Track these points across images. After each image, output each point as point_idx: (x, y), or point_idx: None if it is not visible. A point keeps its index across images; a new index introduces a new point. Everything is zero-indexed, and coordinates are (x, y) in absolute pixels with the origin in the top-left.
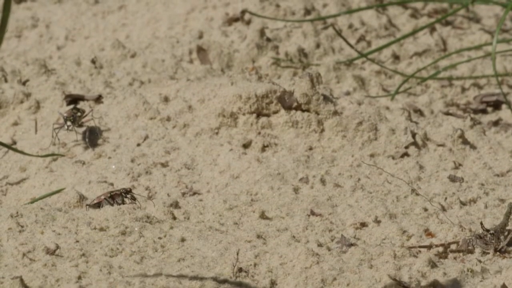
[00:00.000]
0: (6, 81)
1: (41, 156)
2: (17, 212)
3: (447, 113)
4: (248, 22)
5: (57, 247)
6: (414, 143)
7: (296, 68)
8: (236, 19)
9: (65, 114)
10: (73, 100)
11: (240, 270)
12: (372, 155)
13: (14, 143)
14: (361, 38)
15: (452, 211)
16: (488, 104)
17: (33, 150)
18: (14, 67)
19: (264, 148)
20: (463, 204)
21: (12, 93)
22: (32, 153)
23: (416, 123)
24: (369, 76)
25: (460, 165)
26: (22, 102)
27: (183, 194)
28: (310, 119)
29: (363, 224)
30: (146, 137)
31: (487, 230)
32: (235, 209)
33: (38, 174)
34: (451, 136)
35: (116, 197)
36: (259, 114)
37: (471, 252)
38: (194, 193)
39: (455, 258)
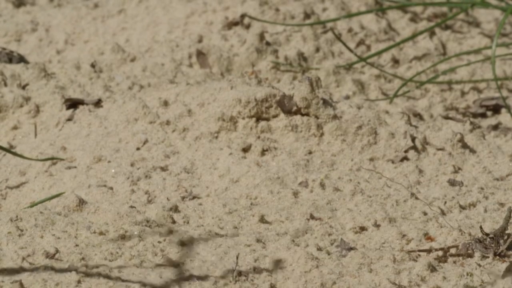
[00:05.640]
0: (5, 85)
1: (41, 160)
2: (17, 216)
3: (447, 117)
4: (248, 26)
5: (57, 251)
6: (414, 147)
7: (295, 72)
8: (235, 23)
9: None
10: (73, 104)
11: (240, 274)
12: (371, 159)
13: (14, 147)
14: (360, 42)
15: (452, 215)
16: (487, 108)
17: (32, 154)
18: (13, 71)
19: (263, 152)
20: (462, 208)
21: (12, 97)
22: (31, 157)
23: (416, 127)
24: (368, 80)
25: (459, 169)
26: (21, 106)
27: (183, 198)
28: (309, 123)
29: (363, 228)
30: (146, 141)
31: (487, 234)
32: (234, 213)
33: (38, 178)
34: (451, 140)
35: None
36: (258, 118)
37: (470, 256)
38: (194, 197)
39: (454, 262)
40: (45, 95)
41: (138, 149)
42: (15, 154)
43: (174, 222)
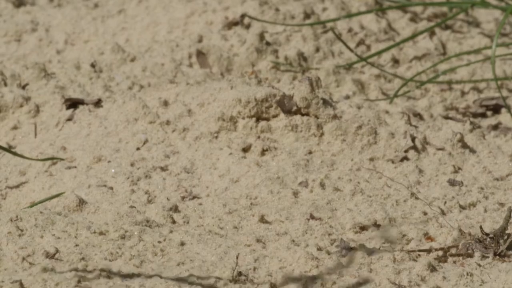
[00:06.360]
0: (5, 85)
1: (41, 160)
2: (17, 216)
3: (447, 117)
4: (248, 26)
5: (57, 251)
6: (414, 147)
7: (295, 72)
8: (235, 23)
9: None
10: (73, 104)
11: (240, 274)
12: (371, 159)
13: (14, 147)
14: (360, 42)
15: (452, 215)
16: (487, 108)
17: (32, 154)
18: (13, 71)
19: (263, 152)
20: (462, 208)
21: (12, 97)
22: (31, 157)
23: (416, 127)
24: (368, 80)
25: (459, 169)
26: (21, 106)
27: (183, 198)
28: (309, 123)
29: (363, 228)
30: (146, 141)
31: (487, 234)
32: (234, 213)
33: (38, 178)
34: (451, 140)
35: None
36: (258, 118)
37: (470, 256)
38: (194, 197)
39: (454, 262)
40: (45, 95)
41: (138, 149)
42: (15, 154)
43: (174, 222)
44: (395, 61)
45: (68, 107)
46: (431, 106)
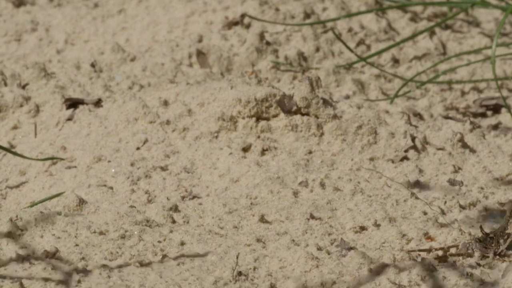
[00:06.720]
0: (5, 84)
1: (41, 160)
2: (17, 216)
3: (447, 117)
4: (248, 26)
5: (57, 250)
6: (414, 147)
7: (295, 72)
8: (235, 23)
9: None
10: (73, 103)
11: (240, 273)
12: (371, 159)
13: (14, 146)
14: (360, 42)
15: (452, 215)
16: (487, 107)
17: (32, 154)
18: (13, 71)
19: (263, 152)
20: (462, 208)
21: (12, 96)
22: (31, 157)
23: (416, 126)
24: (368, 80)
25: (459, 168)
26: (21, 105)
27: (183, 197)
28: (309, 123)
29: (363, 228)
30: (146, 141)
31: (487, 234)
32: (234, 212)
33: (38, 177)
34: (451, 140)
35: None
36: (258, 118)
37: (470, 255)
38: (194, 197)
39: (454, 261)
40: (45, 95)
41: (138, 148)
42: (15, 154)
43: (174, 222)
44: (395, 61)
45: (68, 107)
46: (431, 106)
